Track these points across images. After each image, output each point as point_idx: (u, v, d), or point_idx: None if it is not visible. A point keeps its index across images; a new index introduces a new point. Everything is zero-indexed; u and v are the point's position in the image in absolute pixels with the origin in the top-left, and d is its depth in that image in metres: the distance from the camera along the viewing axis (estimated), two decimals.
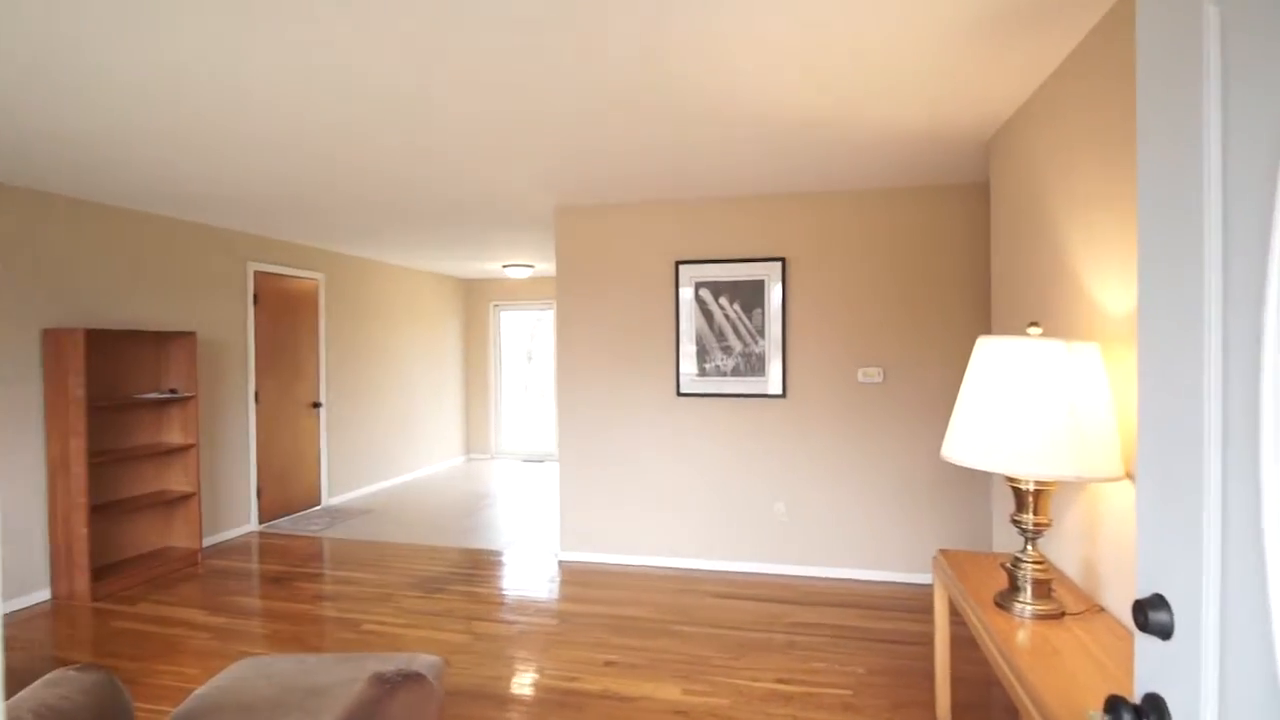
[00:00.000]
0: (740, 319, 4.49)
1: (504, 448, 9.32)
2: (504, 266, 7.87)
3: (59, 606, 4.04)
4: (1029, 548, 2.08)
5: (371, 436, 7.26)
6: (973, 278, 4.19)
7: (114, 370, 4.51)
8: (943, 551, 2.65)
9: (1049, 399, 1.89)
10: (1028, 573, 2.06)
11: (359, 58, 2.31)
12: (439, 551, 5.06)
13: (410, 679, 1.81)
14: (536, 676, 3.15)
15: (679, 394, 4.61)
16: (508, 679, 3.13)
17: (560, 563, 4.78)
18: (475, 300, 9.33)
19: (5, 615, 3.92)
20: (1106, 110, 2.09)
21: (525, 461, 9.04)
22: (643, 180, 4.03)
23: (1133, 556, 1.94)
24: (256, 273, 5.68)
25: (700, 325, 4.56)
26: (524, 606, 3.99)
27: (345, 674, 2.36)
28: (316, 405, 6.40)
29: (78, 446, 4.04)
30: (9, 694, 3.01)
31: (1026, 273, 2.83)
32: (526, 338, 9.38)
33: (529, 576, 4.51)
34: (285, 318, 6.01)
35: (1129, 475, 1.93)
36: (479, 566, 4.72)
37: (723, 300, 4.51)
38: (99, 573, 4.23)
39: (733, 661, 3.28)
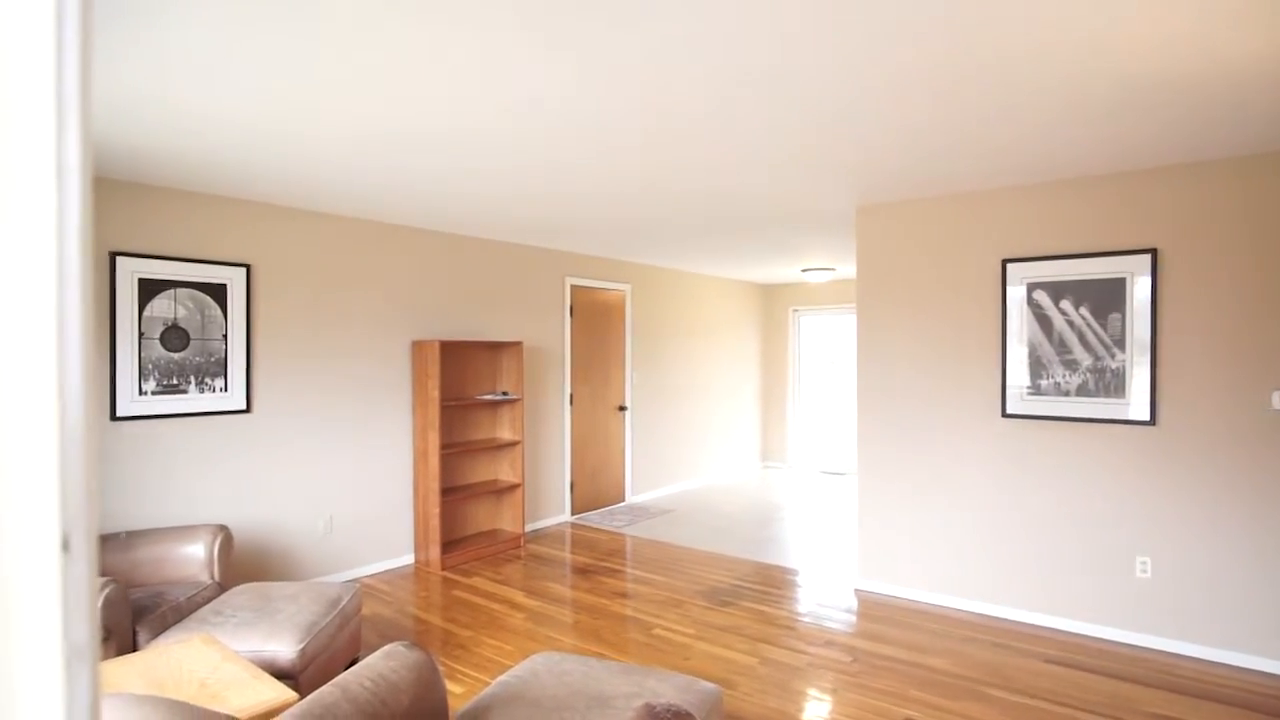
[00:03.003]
0: (1089, 326, 3.67)
1: (801, 458, 9.05)
2: (803, 270, 7.62)
3: (418, 570, 4.83)
4: None
5: (671, 440, 7.55)
6: None
7: (460, 375, 5.28)
8: None
9: None
10: None
11: (665, 75, 2.30)
12: (731, 562, 5.01)
13: (677, 718, 1.71)
14: (824, 719, 2.88)
15: (1004, 414, 3.93)
16: (793, 715, 2.91)
17: (856, 591, 4.40)
18: (774, 305, 9.22)
19: (380, 573, 4.80)
20: None
21: (823, 474, 8.67)
22: (960, 168, 3.50)
23: None
24: (572, 286, 6.24)
25: (1034, 334, 3.83)
26: (815, 636, 3.72)
27: (626, 687, 2.37)
28: (622, 409, 6.83)
29: (433, 439, 4.79)
30: (380, 639, 3.64)
31: None
32: (828, 344, 8.99)
33: (822, 603, 4.22)
34: (596, 326, 6.52)
35: None
36: (771, 584, 4.55)
37: (1065, 304, 3.73)
38: (446, 546, 4.98)
39: None
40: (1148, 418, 3.53)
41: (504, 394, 5.36)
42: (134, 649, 2.85)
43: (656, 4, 1.86)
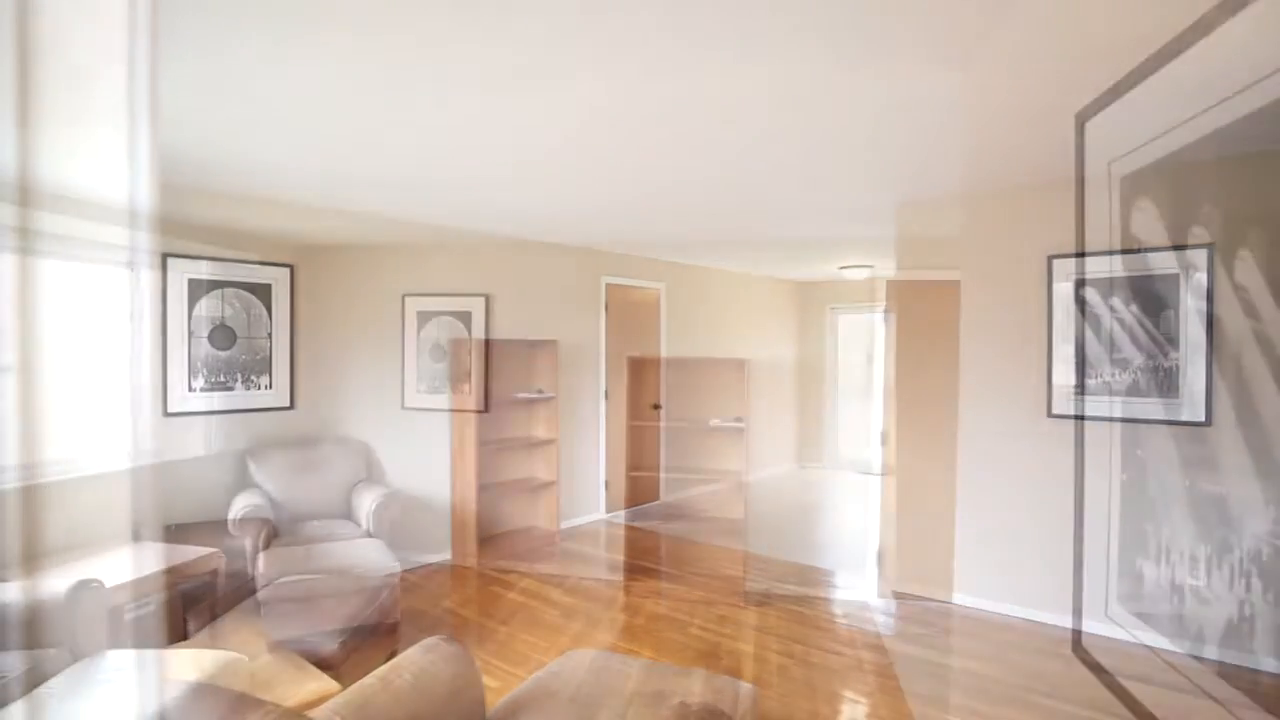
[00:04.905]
0: (1141, 324, 3.56)
1: (838, 457, 8.94)
2: (841, 268, 7.53)
3: (454, 566, 4.89)
4: None
5: (706, 438, 7.50)
6: None
7: (497, 373, 5.33)
8: None
9: None
10: None
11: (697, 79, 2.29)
12: (766, 562, 4.98)
13: (713, 716, 1.71)
14: None
15: (1050, 414, 3.83)
16: (829, 718, 2.88)
17: (894, 594, 4.33)
18: (811, 303, 9.12)
19: (418, 568, 4.87)
20: None
21: (861, 474, 8.55)
22: (1008, 165, 3.42)
23: None
24: (608, 285, 6.25)
25: (1081, 332, 3.72)
26: (851, 638, 3.68)
27: (661, 685, 2.37)
28: (657, 407, 6.83)
29: (471, 436, 4.85)
30: (418, 633, 3.69)
31: None
32: (866, 342, 8.86)
33: (859, 605, 4.17)
34: (631, 324, 6.53)
35: None
36: (807, 584, 4.51)
37: (1115, 301, 3.62)
38: (483, 542, 5.04)
39: None
40: (1203, 418, 3.40)
41: (540, 392, 5.40)
42: (185, 637, 2.94)
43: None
